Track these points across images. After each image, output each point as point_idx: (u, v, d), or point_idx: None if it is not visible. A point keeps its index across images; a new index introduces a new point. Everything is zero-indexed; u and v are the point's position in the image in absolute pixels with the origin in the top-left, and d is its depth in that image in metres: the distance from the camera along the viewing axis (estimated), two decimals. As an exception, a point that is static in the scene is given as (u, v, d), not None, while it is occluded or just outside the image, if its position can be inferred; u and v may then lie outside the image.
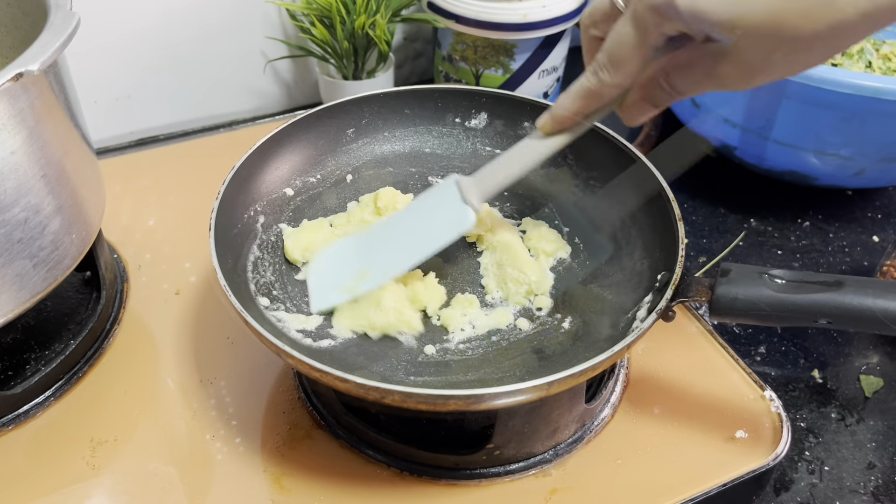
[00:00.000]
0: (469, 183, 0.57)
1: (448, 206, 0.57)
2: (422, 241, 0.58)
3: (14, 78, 0.46)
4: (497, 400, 0.47)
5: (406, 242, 0.59)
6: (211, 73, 0.92)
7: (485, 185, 0.57)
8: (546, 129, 0.55)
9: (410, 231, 0.59)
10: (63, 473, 0.56)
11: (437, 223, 0.58)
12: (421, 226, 0.59)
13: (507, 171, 0.57)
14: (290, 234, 0.64)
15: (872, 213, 0.85)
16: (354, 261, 0.60)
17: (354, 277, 0.58)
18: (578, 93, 0.51)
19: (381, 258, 0.58)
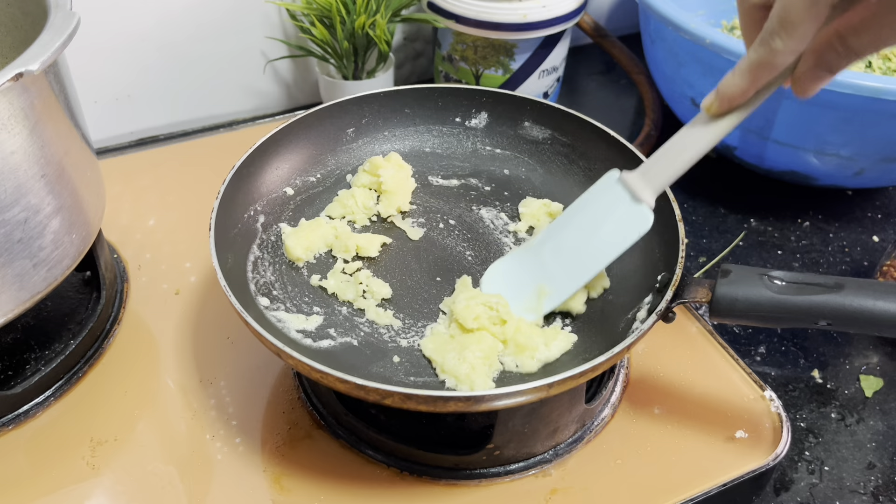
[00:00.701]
0: (636, 179, 0.54)
1: (618, 207, 0.55)
2: (598, 249, 0.56)
3: (14, 78, 0.46)
4: (497, 401, 0.47)
5: (580, 252, 0.56)
6: (211, 73, 0.92)
7: (655, 180, 0.54)
8: (713, 111, 0.51)
9: (582, 239, 0.57)
10: (63, 473, 0.56)
11: (609, 227, 0.55)
12: (591, 232, 0.56)
13: (678, 161, 0.53)
14: (291, 234, 0.64)
15: (872, 213, 0.85)
16: (529, 277, 0.58)
17: (535, 296, 0.57)
18: (748, 67, 0.47)
19: (558, 272, 0.57)
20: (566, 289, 0.57)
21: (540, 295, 0.57)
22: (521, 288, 0.58)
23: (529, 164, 0.72)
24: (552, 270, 0.58)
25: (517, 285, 0.59)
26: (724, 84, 0.49)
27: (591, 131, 0.68)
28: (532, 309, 0.57)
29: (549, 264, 0.58)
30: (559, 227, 0.59)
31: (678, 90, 0.85)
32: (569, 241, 0.58)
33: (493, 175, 0.72)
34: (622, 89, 1.07)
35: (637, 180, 0.54)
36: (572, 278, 0.57)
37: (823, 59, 0.46)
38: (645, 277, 0.59)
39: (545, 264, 0.58)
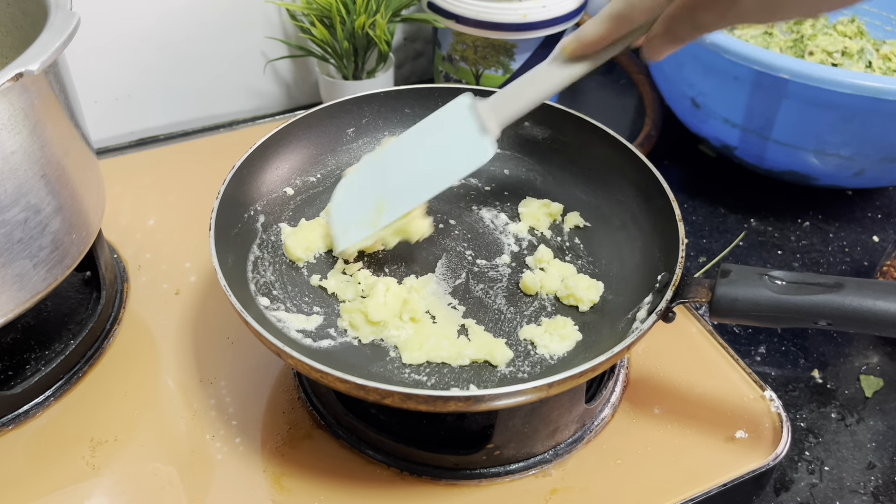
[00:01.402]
0: (485, 108, 0.55)
1: (464, 133, 0.55)
2: (438, 172, 0.56)
3: (14, 78, 0.46)
4: (497, 400, 0.47)
5: (421, 171, 0.57)
6: (211, 73, 0.92)
7: (502, 112, 0.55)
8: (567, 52, 0.53)
9: (425, 159, 0.57)
10: (63, 473, 0.56)
11: (453, 153, 0.56)
12: (436, 154, 0.57)
13: (525, 97, 0.54)
14: (291, 234, 0.64)
15: (872, 213, 0.86)
16: (371, 192, 0.59)
17: (373, 211, 0.58)
18: (608, 15, 0.50)
19: (397, 188, 0.58)
20: (402, 207, 0.57)
21: (378, 210, 0.58)
22: (361, 201, 0.59)
23: (529, 164, 0.72)
24: (393, 186, 0.58)
25: (359, 199, 0.60)
26: (583, 29, 0.52)
27: (591, 131, 0.68)
28: (370, 224, 0.58)
29: (391, 182, 0.58)
30: (407, 145, 0.59)
31: (678, 90, 0.85)
32: (413, 158, 0.58)
33: (493, 175, 0.72)
34: (622, 89, 1.07)
35: (486, 110, 0.55)
36: (410, 198, 0.57)
37: (673, 27, 0.48)
38: (645, 277, 0.59)
39: (388, 179, 0.59)
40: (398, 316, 0.57)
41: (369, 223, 0.58)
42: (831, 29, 0.93)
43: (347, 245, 0.59)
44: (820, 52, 0.87)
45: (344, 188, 0.62)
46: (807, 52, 0.87)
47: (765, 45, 0.92)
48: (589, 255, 0.65)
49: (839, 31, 0.92)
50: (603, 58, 0.53)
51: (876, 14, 0.97)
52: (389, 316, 0.57)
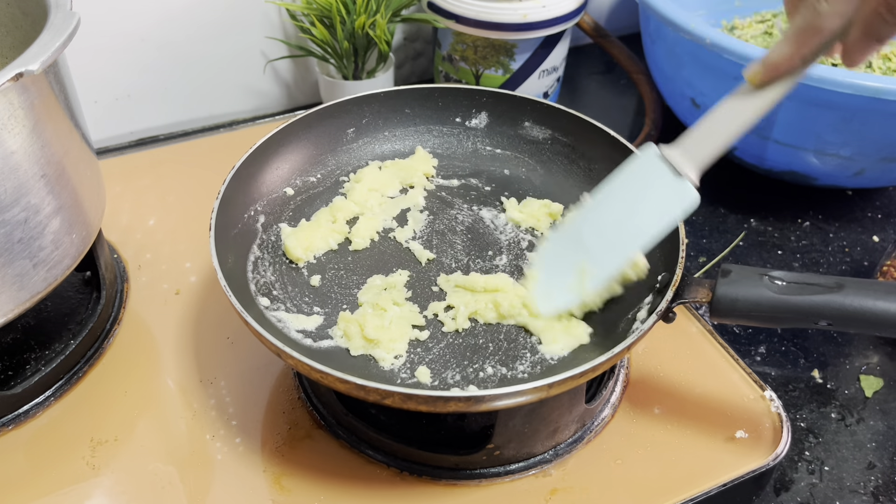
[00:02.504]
0: (678, 154, 0.52)
1: (659, 183, 0.52)
2: (640, 227, 0.53)
3: (14, 78, 0.46)
4: (497, 401, 0.47)
5: (622, 229, 0.54)
6: (211, 72, 0.92)
7: (697, 155, 0.52)
8: (756, 80, 0.50)
9: (622, 216, 0.55)
10: (63, 473, 0.56)
11: (651, 204, 0.53)
12: (633, 209, 0.54)
13: (719, 135, 0.51)
14: (290, 234, 0.64)
15: (872, 213, 0.85)
16: (571, 258, 0.56)
17: (577, 276, 0.56)
18: (794, 32, 0.47)
19: (599, 250, 0.55)
20: (609, 267, 0.54)
21: (581, 275, 0.55)
22: (562, 267, 0.56)
23: (530, 164, 0.72)
24: (594, 249, 0.55)
25: (559, 265, 0.57)
26: (769, 52, 0.48)
27: (592, 131, 0.68)
28: (575, 290, 0.55)
29: (589, 244, 0.56)
30: (597, 207, 0.56)
31: (678, 90, 0.85)
32: (609, 219, 0.55)
33: (494, 175, 0.72)
34: (622, 89, 1.07)
35: (678, 155, 0.52)
36: (614, 256, 0.54)
37: (872, 27, 0.45)
38: (645, 277, 0.59)
39: (584, 244, 0.56)
40: (393, 340, 0.56)
41: (574, 289, 0.56)
42: (831, 29, 0.93)
43: (552, 312, 0.57)
44: (820, 52, 0.86)
45: (544, 253, 0.59)
46: (807, 52, 0.87)
47: (765, 45, 0.92)
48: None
49: (839, 31, 0.92)
50: (795, 77, 0.49)
51: (876, 14, 0.97)
52: (385, 339, 0.56)
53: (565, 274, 0.56)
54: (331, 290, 0.61)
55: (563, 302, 0.57)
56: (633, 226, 0.54)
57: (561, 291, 0.56)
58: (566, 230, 0.58)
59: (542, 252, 0.60)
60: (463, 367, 0.55)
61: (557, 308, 0.57)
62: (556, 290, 0.57)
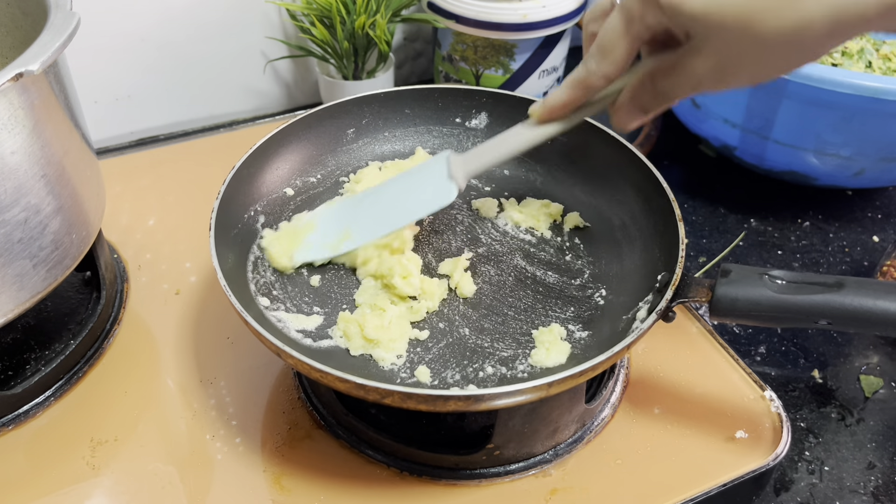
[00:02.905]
0: (458, 160, 0.59)
1: (434, 179, 0.60)
2: (404, 210, 0.61)
3: (14, 78, 0.46)
4: (497, 400, 0.47)
5: (390, 209, 0.62)
6: (211, 73, 0.92)
7: (471, 164, 0.59)
8: (535, 116, 0.56)
9: (396, 199, 0.62)
10: (63, 473, 0.56)
11: (421, 194, 0.60)
12: (406, 195, 0.61)
13: (494, 152, 0.58)
14: (273, 241, 0.62)
15: (872, 213, 0.85)
16: (341, 222, 0.63)
17: (339, 237, 0.62)
18: (569, 82, 0.52)
19: (365, 222, 0.62)
20: (365, 237, 0.61)
21: (343, 237, 0.62)
22: (332, 227, 0.63)
23: (529, 164, 0.72)
24: (363, 219, 0.62)
25: (330, 226, 0.63)
26: (550, 95, 0.54)
27: (592, 131, 0.68)
28: (332, 247, 0.62)
29: (363, 214, 0.63)
30: (384, 187, 0.64)
31: (678, 90, 0.85)
32: (385, 198, 0.63)
33: (494, 175, 0.72)
34: (622, 89, 1.07)
35: (458, 161, 0.59)
36: (373, 230, 0.61)
37: (637, 96, 0.50)
38: (645, 277, 0.59)
39: (359, 214, 0.63)
40: (393, 340, 0.56)
41: (331, 247, 0.62)
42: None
43: (301, 261, 0.62)
44: (820, 52, 0.86)
45: (318, 215, 0.65)
46: (807, 52, 0.87)
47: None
48: (589, 255, 0.65)
49: (839, 31, 0.92)
50: (572, 121, 0.55)
51: (876, 14, 0.97)
52: (385, 338, 0.56)
53: (332, 233, 0.63)
54: (330, 290, 0.61)
55: (315, 254, 0.62)
56: (402, 207, 0.61)
57: (319, 247, 0.62)
58: (350, 199, 0.65)
59: (320, 212, 0.65)
60: (463, 367, 0.55)
61: (307, 259, 0.62)
62: (317, 245, 0.62)
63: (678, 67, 0.46)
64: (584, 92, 0.52)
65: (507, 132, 0.58)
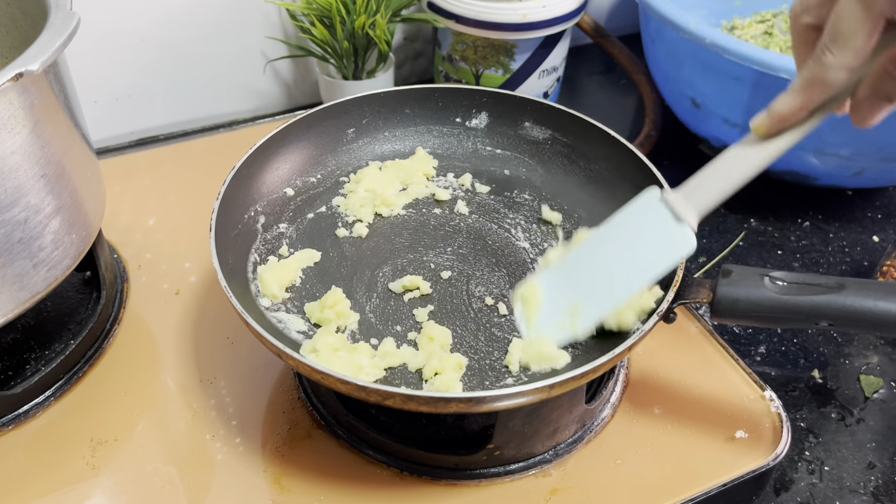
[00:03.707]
0: (679, 199, 0.51)
1: (659, 226, 0.52)
2: (636, 268, 0.53)
3: (14, 78, 0.46)
4: (498, 402, 0.47)
5: (617, 270, 0.54)
6: (211, 73, 0.92)
7: (699, 201, 0.51)
8: (761, 131, 0.48)
9: (619, 258, 0.54)
10: (63, 473, 0.56)
11: (649, 247, 0.52)
12: (630, 251, 0.53)
13: (723, 183, 0.50)
14: (267, 269, 0.61)
15: (872, 213, 0.86)
16: (563, 296, 0.55)
17: (568, 315, 0.54)
18: (800, 85, 0.46)
19: (593, 291, 0.54)
20: (601, 308, 0.54)
21: (574, 314, 0.54)
22: (554, 304, 0.55)
23: (530, 165, 0.72)
24: (586, 289, 0.55)
25: (549, 304, 0.56)
26: (776, 103, 0.47)
27: (592, 131, 0.68)
28: (567, 328, 0.54)
29: (584, 283, 0.55)
30: (594, 245, 0.56)
31: (678, 90, 0.85)
32: (605, 259, 0.55)
33: (494, 175, 0.72)
34: (622, 89, 1.07)
35: (680, 201, 0.51)
36: (608, 298, 0.53)
37: (880, 86, 0.45)
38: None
39: (579, 283, 0.55)
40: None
41: (566, 327, 0.54)
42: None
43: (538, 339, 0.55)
44: (820, 52, 0.86)
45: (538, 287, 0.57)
46: (807, 52, 0.87)
47: (765, 45, 0.92)
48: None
49: (839, 32, 0.92)
50: (804, 130, 0.48)
51: (876, 14, 0.97)
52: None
53: (557, 311, 0.55)
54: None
55: (556, 339, 0.55)
56: (629, 267, 0.53)
57: (554, 329, 0.55)
58: (560, 266, 0.57)
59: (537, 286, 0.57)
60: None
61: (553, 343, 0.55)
62: (548, 326, 0.55)
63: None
64: (822, 91, 0.45)
65: (730, 154, 0.50)
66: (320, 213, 0.68)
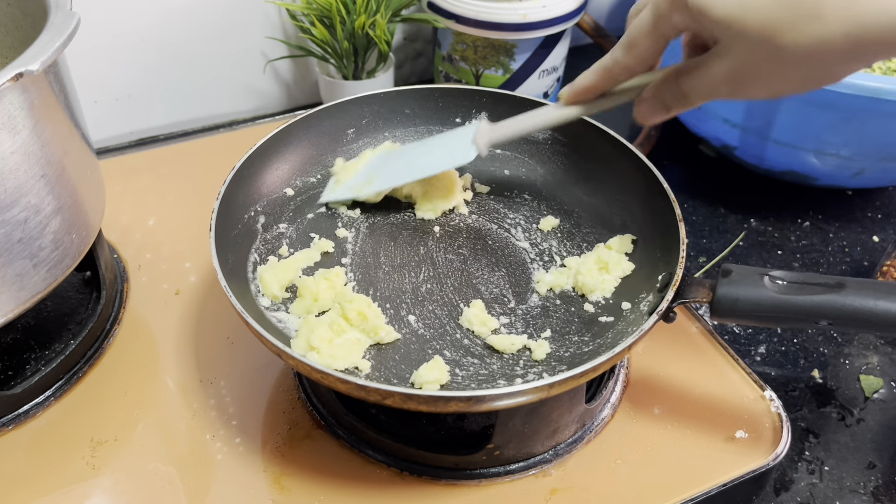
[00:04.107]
0: (484, 128, 0.63)
1: (460, 141, 0.64)
2: (424, 164, 0.65)
3: (14, 78, 0.46)
4: (498, 401, 0.47)
5: (413, 162, 0.66)
6: (211, 73, 0.92)
7: (495, 133, 0.62)
8: (563, 98, 0.57)
9: (421, 154, 0.67)
10: (63, 473, 0.56)
11: (444, 152, 0.65)
12: (431, 152, 0.66)
13: (518, 125, 0.61)
14: (268, 269, 0.60)
15: (872, 213, 0.86)
16: (370, 168, 0.68)
17: (363, 181, 0.67)
18: (596, 68, 0.54)
19: (390, 170, 0.67)
20: (384, 184, 0.67)
21: (368, 182, 0.67)
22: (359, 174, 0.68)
23: (530, 165, 0.72)
24: (389, 168, 0.67)
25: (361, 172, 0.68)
26: (579, 77, 0.56)
27: (592, 131, 0.68)
28: (355, 189, 0.67)
29: (390, 165, 0.67)
30: (418, 143, 0.69)
31: (678, 90, 0.85)
32: (413, 153, 0.67)
33: (494, 176, 0.72)
34: (622, 89, 1.07)
35: (484, 128, 0.62)
36: (393, 178, 0.66)
37: (660, 92, 0.51)
38: (645, 277, 0.59)
39: (387, 164, 0.67)
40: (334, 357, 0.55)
41: (355, 189, 0.67)
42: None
43: (328, 199, 0.68)
44: (820, 52, 0.86)
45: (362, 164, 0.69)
46: (807, 52, 0.87)
47: (765, 45, 0.92)
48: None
49: (839, 32, 0.92)
50: (596, 107, 0.56)
51: (876, 14, 0.97)
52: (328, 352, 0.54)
53: (358, 177, 0.68)
54: (331, 290, 0.61)
55: (340, 195, 0.67)
56: (424, 162, 0.66)
57: (346, 188, 0.67)
58: (388, 152, 0.69)
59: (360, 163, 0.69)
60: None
61: (334, 198, 0.68)
62: (344, 186, 0.67)
63: (699, 69, 0.47)
64: (607, 80, 0.53)
65: (535, 110, 0.60)
66: (320, 213, 0.68)
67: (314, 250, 0.64)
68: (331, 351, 0.53)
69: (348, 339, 0.55)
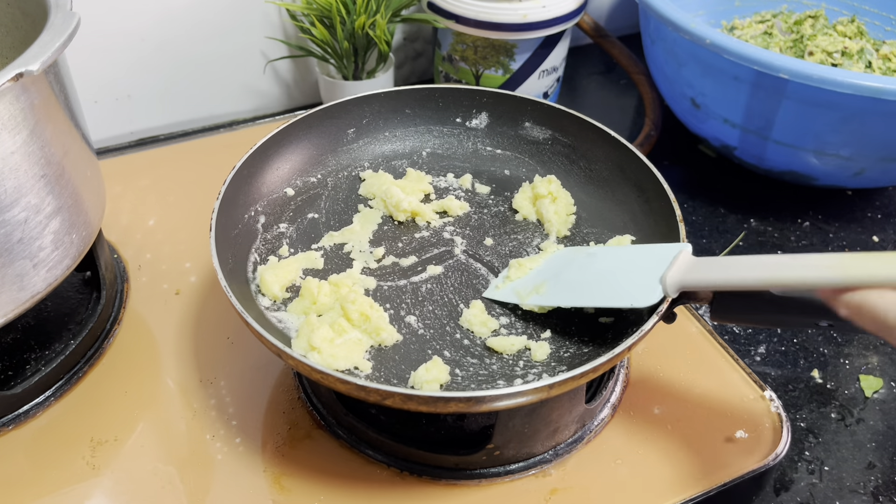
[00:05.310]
0: (683, 265, 0.52)
1: (647, 271, 0.53)
2: (598, 293, 0.56)
3: (14, 78, 0.46)
4: (498, 401, 0.47)
5: (590, 287, 0.56)
6: (211, 73, 0.92)
7: (693, 276, 0.51)
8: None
9: (601, 273, 0.57)
10: (63, 473, 0.56)
11: (625, 281, 0.54)
12: (612, 274, 0.56)
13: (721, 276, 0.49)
14: (268, 269, 0.60)
15: (872, 213, 0.86)
16: (541, 275, 0.59)
17: (531, 288, 0.59)
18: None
19: (560, 285, 0.58)
20: (552, 300, 0.57)
21: (535, 289, 0.58)
22: (531, 275, 0.60)
23: (530, 165, 0.72)
24: (562, 280, 0.58)
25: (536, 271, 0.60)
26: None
27: (592, 131, 0.68)
28: (520, 295, 0.59)
29: (563, 275, 0.58)
30: (600, 253, 0.59)
31: (678, 90, 0.85)
32: (593, 267, 0.57)
33: (494, 175, 0.72)
34: (622, 89, 1.07)
35: (682, 265, 0.51)
36: (563, 296, 0.57)
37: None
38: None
39: (561, 273, 0.59)
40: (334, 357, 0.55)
41: (521, 295, 0.58)
42: (831, 29, 0.93)
43: (491, 296, 0.60)
44: (820, 52, 0.87)
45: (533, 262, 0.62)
46: (807, 52, 0.88)
47: (765, 45, 0.92)
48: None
49: (839, 32, 0.92)
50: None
51: (876, 14, 0.97)
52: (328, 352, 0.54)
53: (530, 280, 0.59)
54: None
55: (504, 296, 0.59)
56: (602, 286, 0.56)
57: (511, 290, 0.59)
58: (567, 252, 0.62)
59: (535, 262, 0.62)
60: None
61: (496, 297, 0.60)
62: (511, 290, 0.60)
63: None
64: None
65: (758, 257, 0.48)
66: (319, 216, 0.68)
67: (315, 252, 0.63)
68: (331, 351, 0.53)
69: (349, 340, 0.55)
